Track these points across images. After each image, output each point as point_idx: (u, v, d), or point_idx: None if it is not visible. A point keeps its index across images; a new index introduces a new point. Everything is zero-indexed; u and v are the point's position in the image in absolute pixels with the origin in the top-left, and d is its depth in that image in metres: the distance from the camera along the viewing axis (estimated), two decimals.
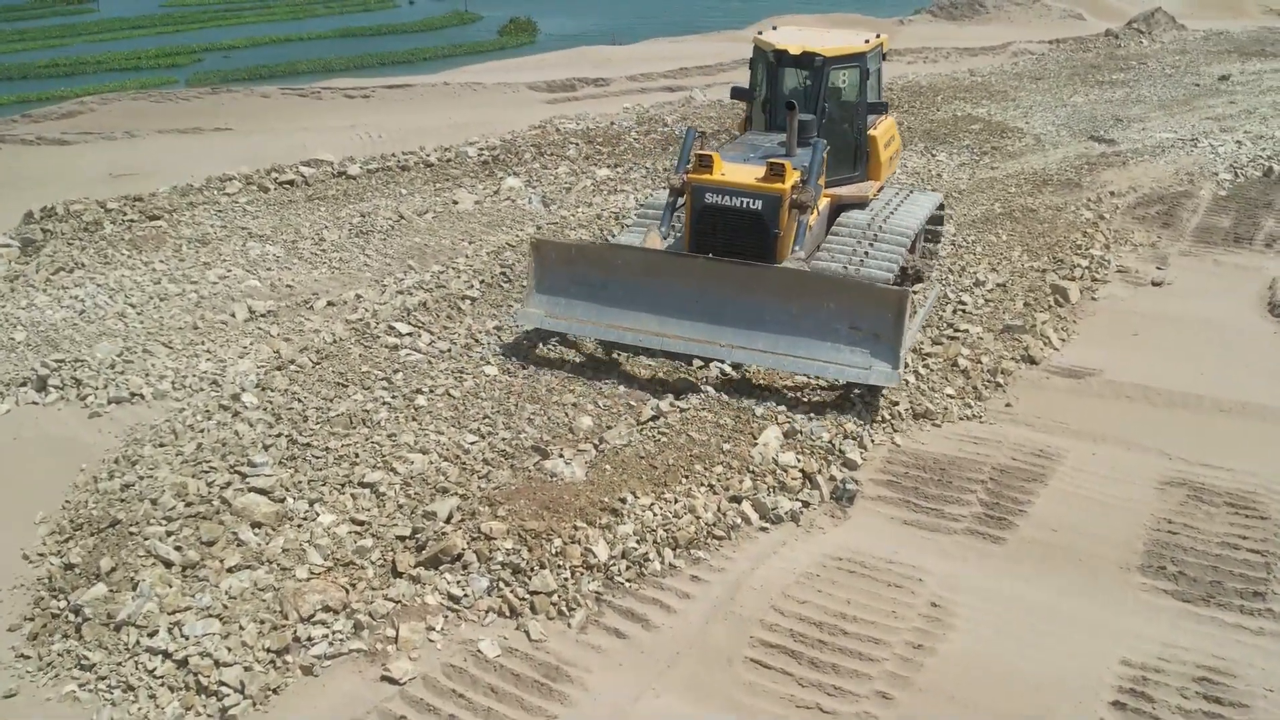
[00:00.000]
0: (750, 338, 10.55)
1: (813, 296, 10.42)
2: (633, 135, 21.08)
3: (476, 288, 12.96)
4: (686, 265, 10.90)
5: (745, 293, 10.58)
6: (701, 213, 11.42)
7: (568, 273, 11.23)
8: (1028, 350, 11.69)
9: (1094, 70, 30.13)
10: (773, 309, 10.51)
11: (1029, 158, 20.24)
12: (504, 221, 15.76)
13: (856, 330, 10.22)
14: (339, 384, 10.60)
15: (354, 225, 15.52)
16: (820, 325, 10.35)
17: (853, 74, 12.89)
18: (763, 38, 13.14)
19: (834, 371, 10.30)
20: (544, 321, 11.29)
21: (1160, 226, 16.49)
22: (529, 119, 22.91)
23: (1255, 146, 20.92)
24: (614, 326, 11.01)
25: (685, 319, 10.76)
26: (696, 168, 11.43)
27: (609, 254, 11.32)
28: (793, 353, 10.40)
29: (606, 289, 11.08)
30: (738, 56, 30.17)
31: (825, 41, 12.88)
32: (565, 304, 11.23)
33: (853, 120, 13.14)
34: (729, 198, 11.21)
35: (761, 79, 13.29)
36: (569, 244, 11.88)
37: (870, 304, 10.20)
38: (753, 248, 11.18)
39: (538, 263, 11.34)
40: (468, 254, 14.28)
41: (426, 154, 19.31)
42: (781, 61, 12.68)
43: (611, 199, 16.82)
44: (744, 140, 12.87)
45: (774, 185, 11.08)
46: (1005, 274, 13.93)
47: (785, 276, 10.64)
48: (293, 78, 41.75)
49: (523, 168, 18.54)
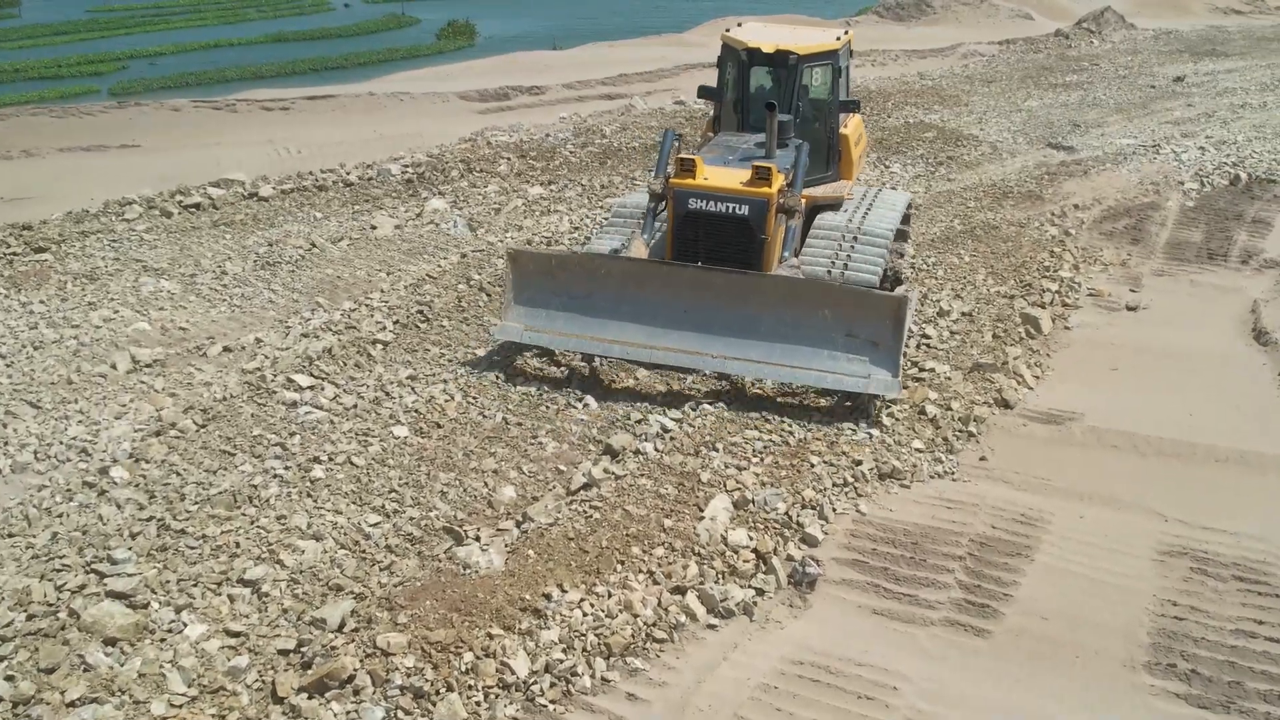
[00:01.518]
0: (744, 348, 10.17)
1: (808, 304, 10.08)
2: (569, 148, 19.82)
3: (390, 329, 11.64)
4: (675, 274, 10.42)
5: (738, 302, 10.21)
6: (685, 219, 10.88)
7: (548, 284, 10.68)
8: (1001, 392, 10.59)
9: (1046, 72, 29.29)
10: (766, 318, 10.15)
11: (986, 167, 19.24)
12: (425, 249, 14.43)
13: (853, 338, 9.97)
14: (225, 452, 9.25)
15: (260, 255, 14.13)
16: (816, 333, 10.06)
17: (825, 72, 12.62)
18: (732, 35, 12.68)
19: (832, 381, 10.00)
20: (524, 335, 10.68)
21: (1129, 243, 15.53)
22: (459, 130, 21.57)
23: (1219, 153, 20.09)
24: (599, 339, 10.47)
25: (675, 330, 10.36)
26: (679, 172, 10.86)
27: (592, 264, 10.73)
28: (789, 362, 10.07)
29: (590, 300, 10.57)
30: (679, 62, 29.06)
31: (797, 39, 12.51)
32: (546, 316, 10.67)
33: (825, 119, 12.76)
34: (713, 203, 10.73)
35: (732, 78, 12.84)
36: (548, 254, 11.43)
37: (867, 311, 9.93)
38: (739, 254, 10.73)
39: (516, 274, 10.71)
40: (383, 288, 12.94)
41: (346, 172, 17.93)
42: (754, 60, 12.31)
43: (544, 221, 15.54)
44: (719, 142, 12.22)
45: (760, 189, 10.65)
46: (970, 301, 12.86)
47: (779, 284, 10.29)
48: (219, 85, 40.01)
49: (449, 186, 17.20)
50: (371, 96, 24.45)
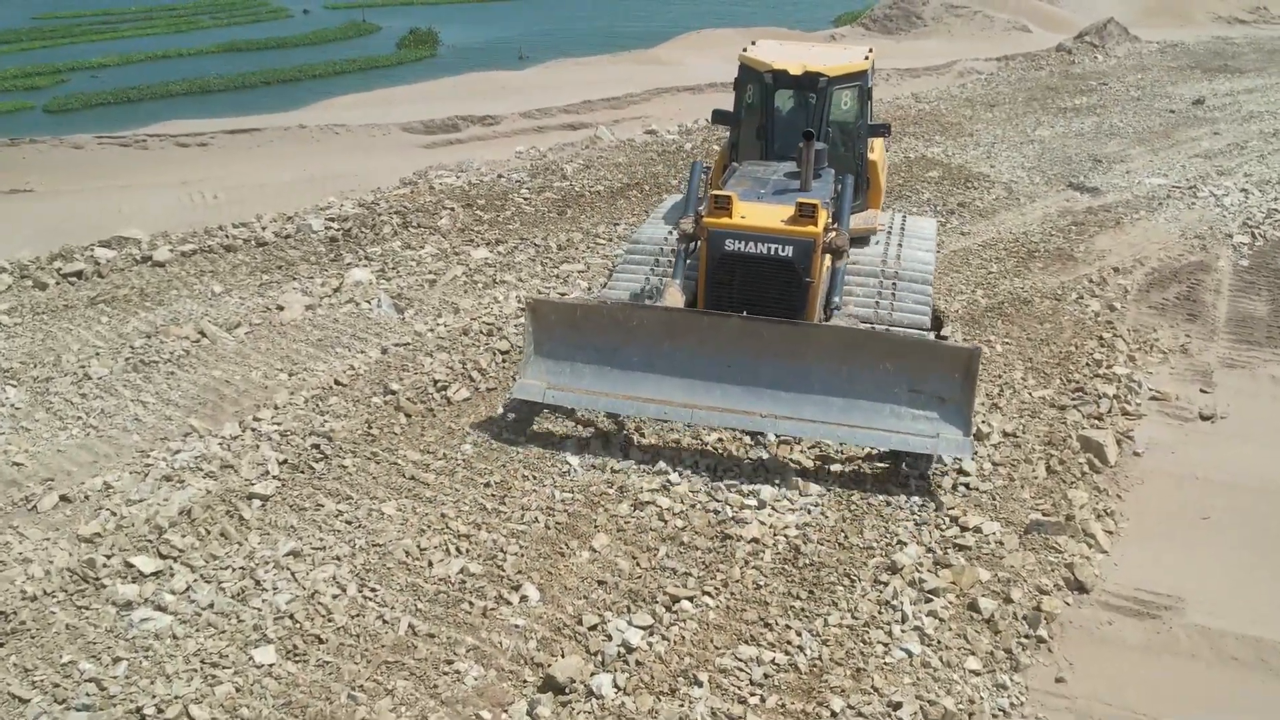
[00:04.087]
0: (796, 405, 9.16)
1: (867, 357, 9.11)
2: (523, 193, 17.20)
3: (274, 473, 8.98)
4: (717, 325, 9.33)
5: (788, 354, 9.24)
6: (721, 262, 9.88)
7: (572, 337, 9.61)
8: (1072, 568, 8.05)
9: (1053, 93, 26.85)
10: (819, 372, 9.20)
11: (1004, 215, 16.74)
12: (339, 339, 11.78)
13: (917, 393, 9.03)
14: (15, 697, 6.60)
15: (135, 351, 11.45)
16: (876, 389, 9.10)
17: (853, 94, 11.81)
18: (752, 56, 11.81)
19: (897, 441, 8.99)
20: (546, 395, 9.50)
21: (1184, 318, 13.07)
22: (400, 169, 18.93)
23: (1264, 196, 17.68)
24: (633, 398, 9.38)
25: (718, 386, 9.34)
26: (713, 210, 9.86)
27: (622, 314, 9.65)
28: (847, 421, 9.05)
29: (619, 354, 9.54)
30: (649, 84, 26.47)
31: (824, 59, 11.69)
32: (571, 372, 9.58)
33: (853, 144, 12.00)
34: (753, 244, 9.74)
35: (755, 101, 11.91)
36: (573, 304, 10.45)
37: (935, 364, 8.99)
38: (781, 299, 9.83)
39: (535, 326, 9.59)
40: (278, 402, 10.28)
41: (262, 226, 15.27)
42: (779, 82, 11.50)
43: (485, 296, 12.86)
44: (746, 173, 11.10)
45: (806, 229, 9.67)
46: (1011, 413, 10.34)
47: (835, 335, 9.36)
48: (162, 101, 37.42)
49: (379, 248, 14.53)
50: (303, 130, 21.66)
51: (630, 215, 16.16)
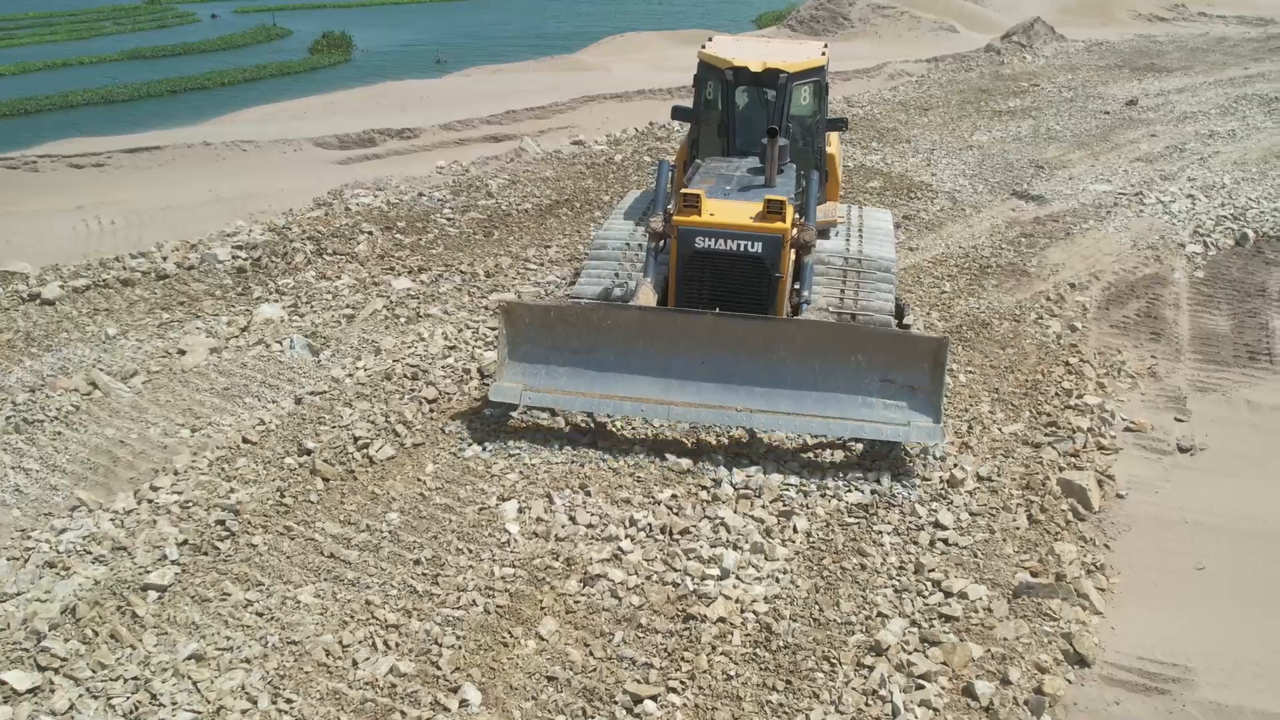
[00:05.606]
0: (771, 399, 9.33)
1: (839, 350, 9.31)
2: (446, 212, 16.17)
3: (173, 557, 7.89)
4: (690, 323, 9.46)
5: (761, 350, 9.38)
6: (691, 260, 10.03)
7: (546, 339, 9.64)
8: (1071, 638, 7.31)
9: (985, 95, 26.43)
10: (793, 366, 9.36)
11: (951, 228, 16.11)
12: (249, 388, 10.69)
13: (889, 384, 9.27)
14: None
15: (17, 407, 10.26)
16: (849, 381, 9.32)
17: (812, 89, 12.07)
18: (712, 53, 11.95)
19: (870, 431, 9.20)
20: (523, 396, 9.53)
21: (1148, 336, 12.52)
22: (314, 188, 17.74)
23: (1210, 202, 17.29)
24: (610, 396, 9.46)
25: (693, 383, 9.47)
26: (682, 208, 9.99)
27: (596, 315, 9.71)
28: (821, 413, 9.27)
29: (594, 354, 9.61)
30: (575, 92, 25.52)
31: (783, 56, 11.83)
32: (546, 374, 9.62)
33: (812, 139, 12.27)
34: (723, 241, 9.88)
35: (714, 98, 12.14)
36: (546, 305, 10.49)
37: (905, 354, 9.24)
38: (750, 295, 10.00)
39: (510, 329, 9.59)
40: (179, 466, 9.18)
41: (162, 257, 14.05)
42: (740, 79, 11.61)
43: (409, 333, 11.81)
44: (710, 170, 11.25)
45: (774, 225, 9.84)
46: (984, 452, 9.62)
47: (807, 329, 9.54)
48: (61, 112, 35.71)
49: (291, 279, 13.41)
50: (207, 147, 20.28)
51: (561, 236, 15.23)
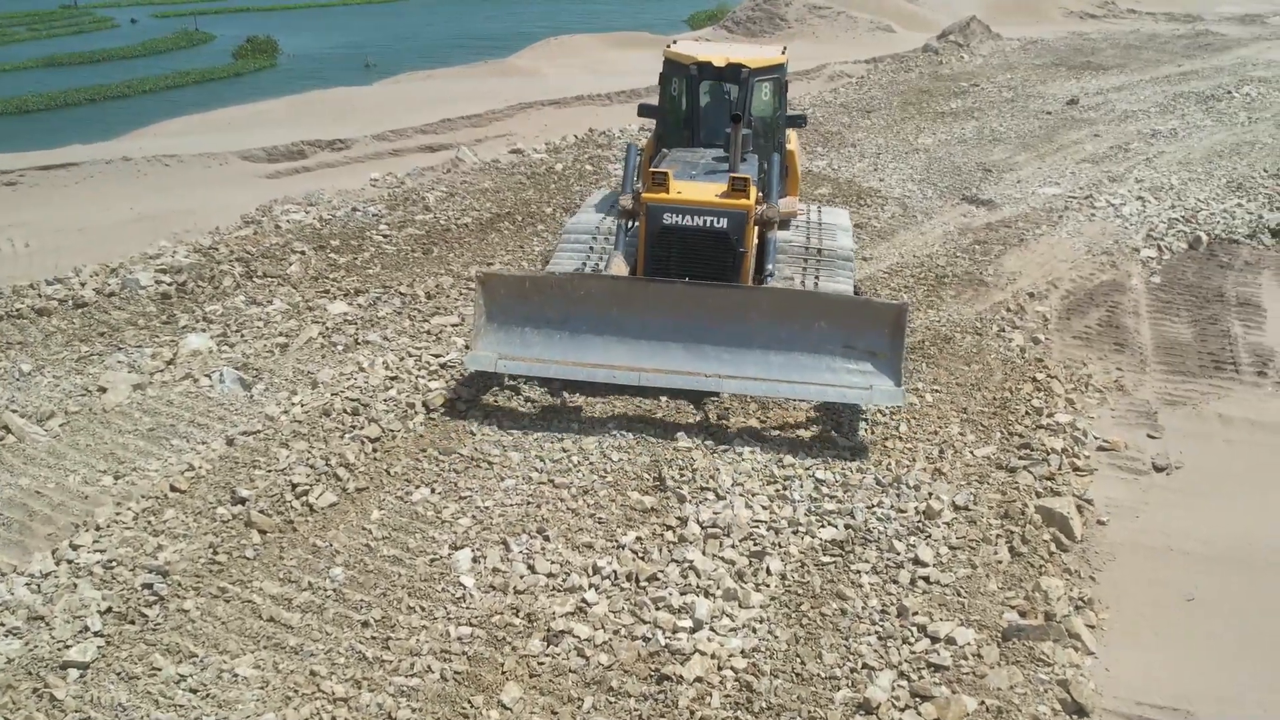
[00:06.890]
0: (739, 364, 9.71)
1: (804, 316, 9.76)
2: (382, 228, 15.48)
3: (95, 628, 7.17)
4: (661, 292, 9.86)
5: (729, 317, 9.78)
6: (660, 235, 10.51)
7: (522, 308, 9.96)
8: (1066, 685, 6.89)
9: (926, 96, 26.23)
10: (760, 332, 9.76)
11: (903, 235, 15.75)
12: (175, 427, 9.95)
13: (851, 349, 9.68)
14: None
15: None
16: (813, 346, 9.74)
17: (772, 85, 12.55)
18: (678, 51, 12.59)
19: (834, 394, 9.58)
20: (498, 365, 9.79)
21: (1112, 348, 12.23)
22: (242, 204, 16.93)
23: (1160, 204, 17.16)
24: (583, 364, 9.76)
25: (663, 349, 9.83)
26: (651, 186, 10.46)
27: (570, 284, 10.08)
28: (787, 377, 9.62)
29: (568, 323, 9.97)
30: (512, 99, 24.90)
31: (745, 53, 12.51)
32: (521, 342, 9.94)
33: (773, 135, 12.74)
34: (690, 217, 10.39)
35: (679, 94, 12.73)
36: (522, 275, 10.56)
37: (866, 320, 9.66)
38: (716, 269, 10.44)
39: (487, 298, 9.89)
40: (101, 520, 8.45)
41: (80, 283, 13.23)
42: (704, 74, 12.22)
43: (348, 363, 11.12)
44: (676, 158, 11.80)
45: (739, 201, 10.38)
46: (958, 478, 9.21)
47: (774, 297, 9.98)
48: None
49: (219, 305, 12.64)
50: (127, 162, 19.30)
51: (504, 252, 14.61)
